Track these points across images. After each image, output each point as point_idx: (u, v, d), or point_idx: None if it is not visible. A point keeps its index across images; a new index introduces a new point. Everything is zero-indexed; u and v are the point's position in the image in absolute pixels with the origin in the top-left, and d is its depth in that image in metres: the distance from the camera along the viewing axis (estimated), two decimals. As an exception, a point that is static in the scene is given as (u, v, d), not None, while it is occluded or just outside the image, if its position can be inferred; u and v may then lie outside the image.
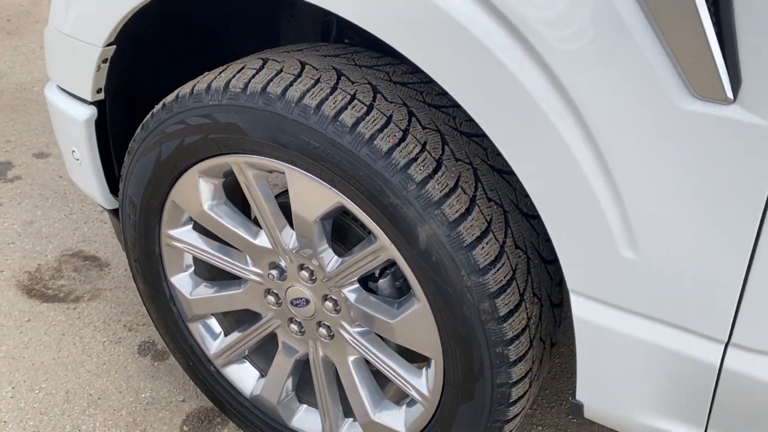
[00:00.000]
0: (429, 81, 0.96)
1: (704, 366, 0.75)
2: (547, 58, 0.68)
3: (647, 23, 0.62)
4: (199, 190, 1.09)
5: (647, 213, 0.70)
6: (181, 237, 1.18)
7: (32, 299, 1.68)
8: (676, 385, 0.79)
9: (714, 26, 0.60)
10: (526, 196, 0.81)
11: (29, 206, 2.03)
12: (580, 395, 0.89)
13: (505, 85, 0.72)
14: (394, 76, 0.98)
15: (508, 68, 0.70)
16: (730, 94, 0.61)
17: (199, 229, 1.18)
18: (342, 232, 1.07)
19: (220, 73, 0.99)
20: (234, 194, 1.13)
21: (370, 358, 1.09)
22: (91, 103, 1.16)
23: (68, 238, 1.90)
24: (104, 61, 1.10)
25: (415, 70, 0.94)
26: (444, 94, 0.94)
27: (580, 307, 0.80)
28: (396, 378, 1.07)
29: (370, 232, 0.97)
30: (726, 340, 0.73)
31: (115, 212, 1.32)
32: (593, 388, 0.86)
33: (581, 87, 0.68)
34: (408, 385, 1.06)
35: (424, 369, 1.05)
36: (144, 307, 1.36)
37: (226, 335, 1.28)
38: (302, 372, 1.25)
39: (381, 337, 1.09)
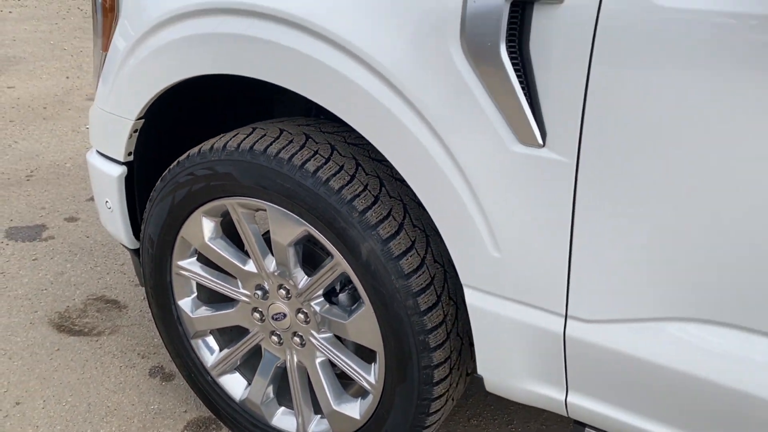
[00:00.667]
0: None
1: (554, 336, 1.05)
2: (431, 120, 1.02)
3: (488, 95, 0.97)
4: (202, 227, 1.42)
5: (503, 224, 1.02)
6: (188, 266, 1.51)
7: (61, 333, 1.99)
8: (540, 354, 1.09)
9: (527, 98, 0.94)
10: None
11: (60, 260, 2.36)
12: (480, 370, 1.18)
13: (405, 139, 1.06)
14: (349, 139, 1.32)
15: (406, 126, 1.05)
16: (540, 141, 0.95)
17: (203, 260, 1.51)
18: (309, 257, 1.39)
19: (220, 137, 1.35)
20: (230, 231, 1.46)
21: (333, 359, 1.39)
22: (122, 164, 1.52)
23: (93, 286, 2.22)
24: (135, 131, 1.46)
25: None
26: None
27: (470, 297, 1.11)
28: (353, 372, 1.36)
29: (329, 253, 1.29)
30: (564, 313, 1.03)
31: (135, 252, 1.66)
32: (487, 363, 1.16)
33: (454, 137, 1.02)
34: (361, 377, 1.35)
35: (372, 364, 1.34)
36: (156, 333, 1.67)
37: (221, 350, 1.58)
38: (281, 381, 1.54)
39: (341, 341, 1.40)
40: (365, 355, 1.37)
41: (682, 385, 0.99)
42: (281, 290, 1.39)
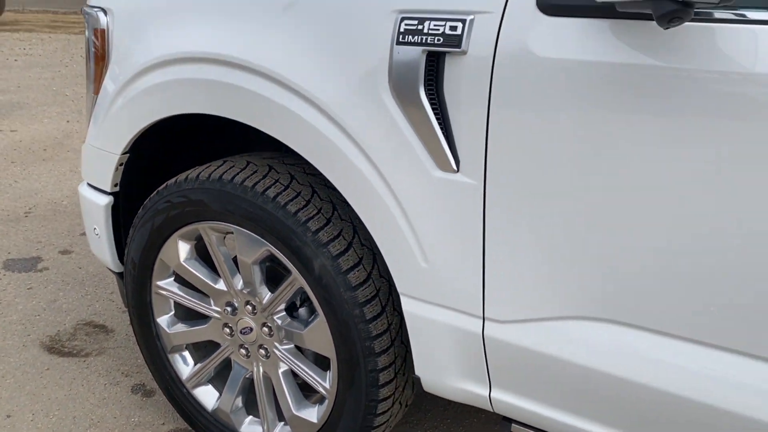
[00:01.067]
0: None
1: (475, 336, 1.21)
2: (368, 152, 1.20)
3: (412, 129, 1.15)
4: (178, 249, 1.59)
5: (429, 238, 1.19)
6: (166, 286, 1.67)
7: (51, 354, 2.13)
8: (465, 354, 1.24)
9: (443, 132, 1.12)
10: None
11: (53, 289, 2.52)
12: (417, 371, 1.33)
13: (348, 168, 1.24)
14: (308, 169, 1.50)
15: (348, 157, 1.23)
16: (455, 168, 1.13)
17: (179, 280, 1.67)
18: (272, 275, 1.55)
19: (194, 169, 1.53)
20: (203, 253, 1.62)
21: (294, 368, 1.54)
22: (109, 194, 1.70)
23: (83, 312, 2.38)
24: (120, 165, 1.64)
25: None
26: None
27: (405, 304, 1.27)
28: (311, 379, 1.51)
29: (288, 271, 1.46)
30: (482, 315, 1.19)
31: (120, 275, 1.82)
32: (422, 364, 1.31)
33: (387, 166, 1.20)
34: (318, 383, 1.50)
35: (327, 371, 1.49)
36: (140, 354, 1.82)
37: (195, 363, 1.73)
38: (249, 391, 1.69)
39: (301, 351, 1.55)
40: (322, 364, 1.53)
41: (586, 380, 1.15)
42: (248, 306, 1.55)
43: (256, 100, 1.33)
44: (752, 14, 0.90)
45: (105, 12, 1.61)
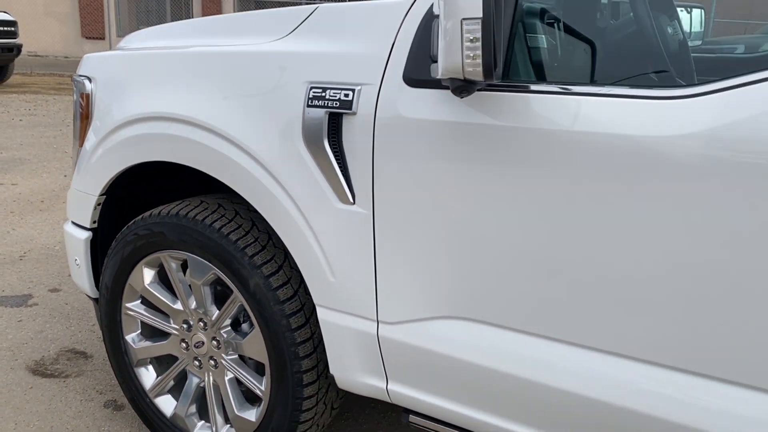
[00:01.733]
0: (268, 210, 1.80)
1: (372, 336, 1.50)
2: (288, 189, 1.53)
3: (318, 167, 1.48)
4: (143, 275, 1.90)
5: (334, 258, 1.50)
6: (134, 308, 1.96)
7: (35, 376, 2.40)
8: (366, 352, 1.53)
9: (342, 174, 1.45)
10: (299, 260, 1.61)
11: (41, 321, 2.81)
12: (332, 371, 1.61)
13: (273, 202, 1.56)
14: (251, 206, 1.82)
15: (273, 194, 1.55)
16: (351, 201, 1.45)
17: (145, 302, 1.97)
18: (218, 296, 1.85)
19: (158, 207, 1.85)
20: (165, 279, 1.92)
21: (238, 375, 1.82)
22: (88, 230, 2.01)
23: (66, 341, 2.65)
24: (98, 204, 1.97)
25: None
26: (273, 215, 1.78)
27: (319, 313, 1.57)
28: (251, 384, 1.78)
29: (231, 290, 1.75)
30: (376, 318, 1.49)
31: (96, 300, 2.11)
32: (335, 363, 1.60)
33: (302, 201, 1.51)
34: (256, 387, 1.77)
35: (263, 376, 1.77)
36: (113, 375, 2.08)
37: (157, 375, 2.01)
38: (201, 398, 1.96)
39: (243, 360, 1.83)
40: (259, 371, 1.81)
41: (461, 370, 1.43)
42: (201, 323, 1.85)
43: (204, 150, 1.66)
44: (539, 86, 1.24)
45: (90, 80, 1.96)
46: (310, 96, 1.47)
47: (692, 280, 1.12)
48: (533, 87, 1.25)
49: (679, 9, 2.38)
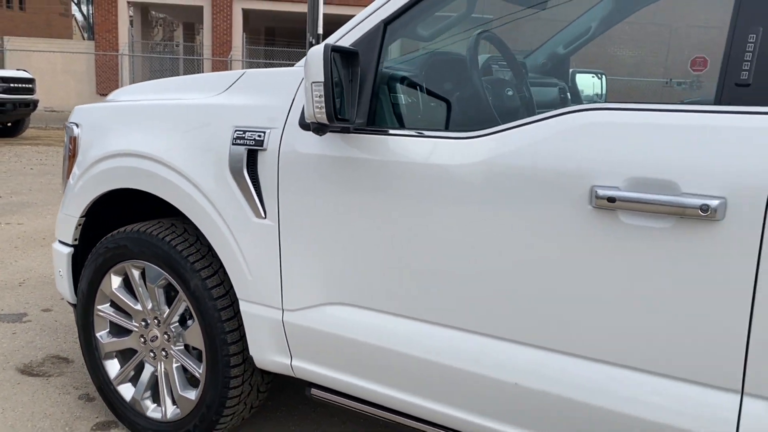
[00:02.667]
0: (212, 229, 2.26)
1: (278, 322, 1.93)
2: (219, 209, 1.99)
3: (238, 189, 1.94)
4: (111, 281, 2.34)
5: (252, 261, 1.95)
6: (104, 309, 2.40)
7: (23, 375, 2.82)
8: (274, 335, 1.96)
9: (258, 196, 1.91)
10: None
11: (32, 334, 3.24)
12: (251, 352, 2.04)
13: (208, 219, 2.02)
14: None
15: (208, 213, 2.01)
16: (263, 216, 1.90)
17: (113, 305, 2.40)
18: (168, 297, 2.29)
19: (125, 226, 2.31)
20: (129, 286, 2.37)
21: (183, 363, 2.24)
22: (71, 246, 2.48)
23: (52, 350, 3.08)
24: (79, 225, 2.43)
25: (204, 223, 2.25)
26: (215, 233, 2.24)
27: (241, 305, 2.00)
28: (192, 368, 2.20)
29: (177, 292, 2.19)
30: (281, 307, 1.92)
31: (74, 305, 2.55)
32: (252, 346, 2.02)
33: (229, 218, 1.97)
34: (196, 370, 2.19)
35: (201, 363, 2.19)
36: (89, 375, 2.50)
37: (120, 366, 2.43)
38: (154, 386, 2.37)
39: (188, 350, 2.25)
40: (199, 358, 2.23)
41: (346, 346, 1.85)
42: (155, 320, 2.28)
43: (158, 179, 2.13)
44: (396, 131, 1.71)
45: (77, 126, 2.46)
46: (234, 137, 1.95)
47: (482, 265, 1.56)
48: (390, 131, 1.72)
49: (588, 74, 2.87)
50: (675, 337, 1.37)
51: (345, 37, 1.80)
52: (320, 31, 6.67)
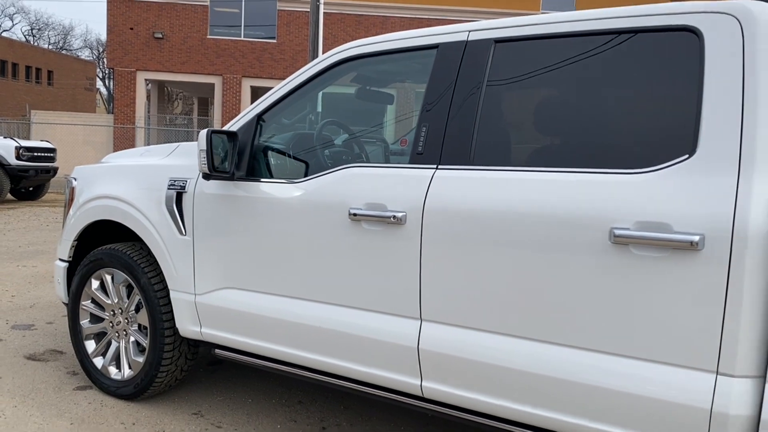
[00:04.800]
0: (160, 248, 3.38)
1: (192, 302, 3.01)
2: (159, 232, 3.11)
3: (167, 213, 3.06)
4: (92, 284, 3.45)
5: (177, 264, 3.05)
6: (86, 305, 3.50)
7: (29, 360, 3.89)
8: (190, 312, 3.03)
9: (181, 221, 3.03)
10: (166, 268, 3.16)
11: (37, 337, 4.32)
12: (176, 325, 3.11)
13: (153, 239, 3.13)
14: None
15: (153, 234, 3.12)
16: (184, 233, 3.02)
17: (93, 302, 3.50)
18: (128, 293, 3.38)
19: (103, 246, 3.43)
20: (104, 287, 3.46)
21: (137, 338, 3.31)
22: (66, 261, 3.60)
23: (51, 346, 4.16)
24: (72, 246, 3.56)
25: (155, 244, 3.37)
26: (161, 250, 3.35)
27: (171, 293, 3.09)
28: (143, 341, 3.27)
29: (133, 288, 3.29)
30: (194, 292, 3.01)
31: (66, 304, 3.65)
32: (177, 320, 3.09)
33: (166, 237, 3.09)
34: (145, 342, 3.26)
35: (147, 336, 3.26)
36: (77, 360, 3.57)
37: (95, 344, 3.50)
38: (117, 357, 3.43)
39: (140, 330, 3.33)
40: (146, 334, 3.30)
41: (235, 315, 2.92)
42: (119, 310, 3.37)
43: (122, 212, 3.26)
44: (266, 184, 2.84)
45: (75, 179, 3.63)
46: (169, 184, 3.09)
47: (304, 257, 2.66)
48: (259, 179, 2.85)
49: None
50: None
51: (237, 122, 2.96)
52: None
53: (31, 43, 58.38)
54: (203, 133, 2.69)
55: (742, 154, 1.87)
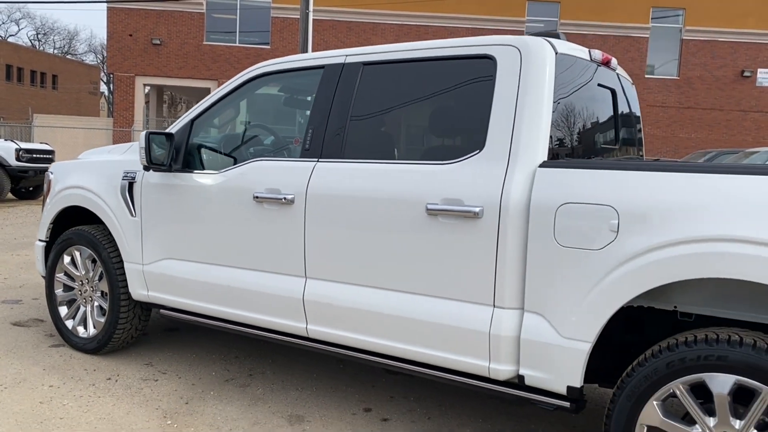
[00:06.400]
0: (120, 229, 4.11)
1: (141, 271, 3.74)
2: (116, 214, 3.83)
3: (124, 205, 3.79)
4: (64, 259, 4.17)
5: (129, 240, 3.77)
6: (60, 277, 4.22)
7: (14, 325, 4.62)
8: (139, 278, 3.75)
9: (132, 204, 3.76)
10: (122, 244, 3.89)
11: (24, 310, 5.06)
12: (129, 289, 3.83)
13: (113, 222, 3.86)
14: (113, 228, 4.12)
15: (111, 218, 3.85)
16: (134, 214, 3.75)
17: (66, 274, 4.22)
18: (93, 265, 4.10)
19: (73, 227, 4.16)
20: (73, 261, 4.19)
21: (99, 303, 4.04)
22: (44, 241, 4.33)
23: (34, 316, 4.89)
24: (49, 228, 4.29)
25: (115, 226, 4.10)
26: (120, 231, 4.08)
27: (125, 264, 3.82)
28: (104, 305, 3.99)
29: (96, 261, 4.01)
30: (142, 263, 3.73)
31: (44, 276, 4.38)
32: (131, 286, 3.81)
33: (119, 218, 3.81)
34: (105, 306, 3.98)
35: (107, 301, 3.98)
36: (53, 326, 4.31)
37: (66, 309, 4.22)
38: (84, 321, 4.16)
39: (103, 296, 4.05)
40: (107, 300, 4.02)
41: (173, 280, 3.65)
42: (86, 280, 4.10)
43: (87, 199, 3.99)
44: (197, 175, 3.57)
45: (52, 173, 4.36)
46: (123, 176, 3.82)
47: (222, 230, 3.38)
48: (192, 171, 3.57)
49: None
50: (284, 257, 3.18)
51: (175, 126, 3.68)
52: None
53: (37, 47, 59.42)
54: (143, 134, 3.42)
55: (511, 150, 2.58)
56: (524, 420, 3.37)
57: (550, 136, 2.61)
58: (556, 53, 2.69)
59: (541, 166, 2.53)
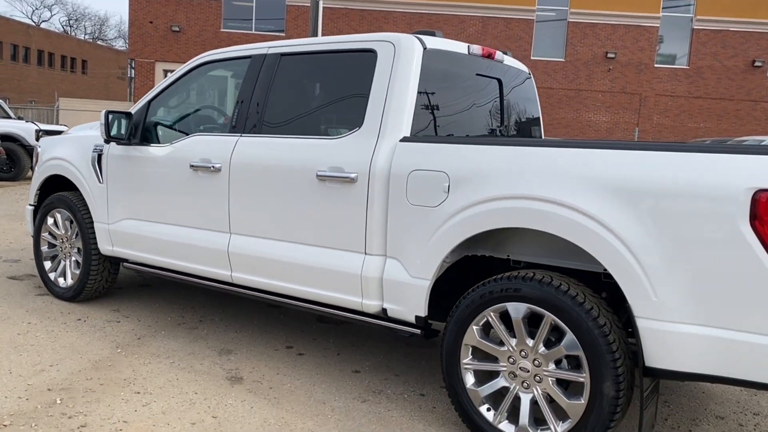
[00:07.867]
0: (95, 195, 4.78)
1: (107, 230, 4.40)
2: (87, 183, 4.50)
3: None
4: (48, 221, 4.86)
5: (98, 206, 4.44)
6: (45, 236, 4.91)
7: (9, 279, 5.34)
8: (106, 236, 4.42)
9: (99, 172, 4.42)
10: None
11: (20, 267, 5.78)
12: (98, 246, 4.50)
13: (90, 196, 4.53)
14: (89, 195, 4.80)
15: (87, 189, 4.52)
16: (101, 181, 4.41)
17: (50, 234, 4.92)
18: (70, 225, 4.78)
19: (56, 192, 4.85)
20: (56, 223, 4.88)
21: (77, 258, 4.72)
22: (33, 205, 5.03)
23: (29, 272, 5.61)
24: (36, 194, 4.98)
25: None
26: (95, 196, 4.76)
27: (95, 224, 4.49)
28: (80, 261, 4.68)
29: (73, 221, 4.69)
30: (108, 222, 4.39)
31: (33, 236, 5.08)
32: (99, 242, 4.48)
33: (92, 188, 4.48)
34: (80, 260, 4.66)
35: (81, 256, 4.66)
36: (43, 285, 5.02)
37: (50, 263, 4.92)
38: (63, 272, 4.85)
39: (78, 251, 4.74)
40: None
41: (135, 237, 4.31)
42: (66, 238, 4.78)
43: (66, 169, 4.66)
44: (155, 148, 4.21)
45: (40, 147, 5.05)
46: (93, 149, 4.48)
47: (168, 192, 4.02)
48: (149, 144, 4.21)
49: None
50: (214, 216, 3.82)
51: (135, 106, 4.32)
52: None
53: (69, 33, 60.98)
54: (103, 112, 4.07)
55: (381, 128, 3.17)
56: (417, 358, 3.97)
57: (415, 116, 3.18)
58: (425, 48, 3.25)
59: (401, 140, 3.11)
